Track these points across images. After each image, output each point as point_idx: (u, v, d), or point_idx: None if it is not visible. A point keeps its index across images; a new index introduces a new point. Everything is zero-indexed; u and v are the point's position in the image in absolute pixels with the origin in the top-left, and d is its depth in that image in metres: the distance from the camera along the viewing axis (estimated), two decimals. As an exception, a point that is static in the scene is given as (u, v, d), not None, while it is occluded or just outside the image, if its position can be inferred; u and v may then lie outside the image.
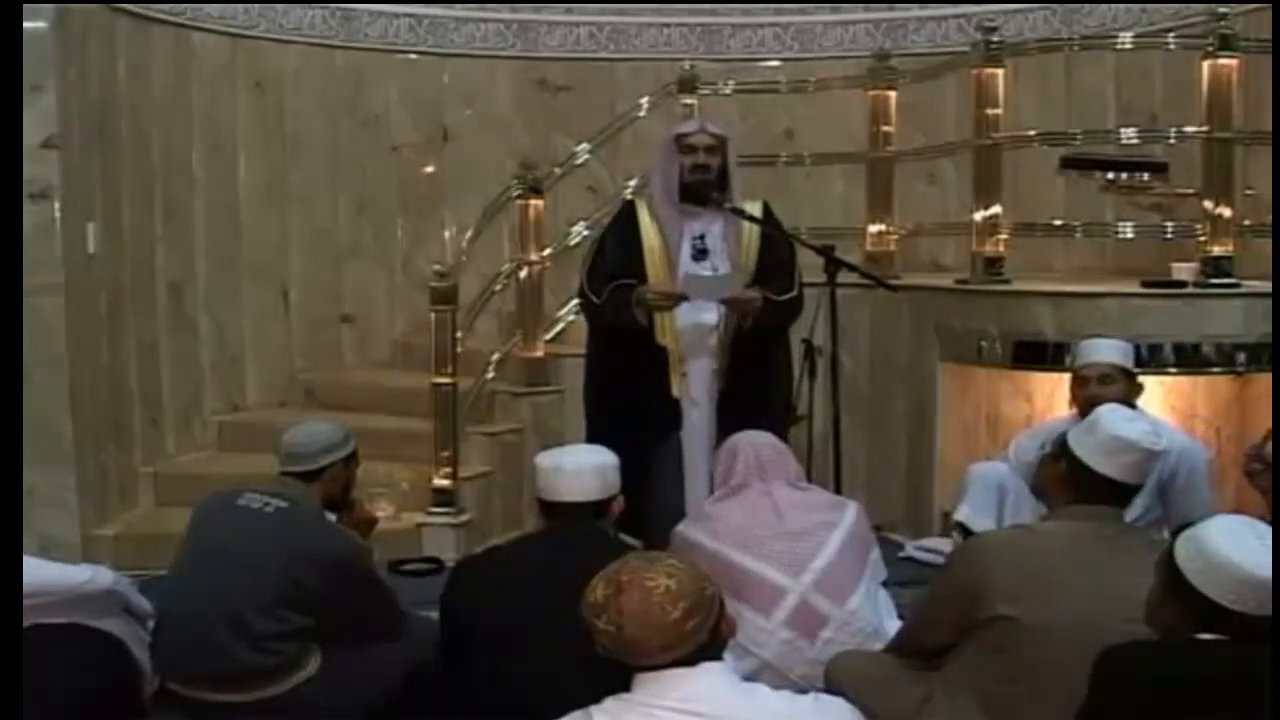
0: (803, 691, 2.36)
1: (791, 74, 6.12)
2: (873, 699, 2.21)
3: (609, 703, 2.01)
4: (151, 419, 5.26)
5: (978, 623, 2.44)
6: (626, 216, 4.20)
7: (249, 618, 2.95)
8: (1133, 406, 3.49)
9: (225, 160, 5.74)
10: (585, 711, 2.02)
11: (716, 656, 2.04)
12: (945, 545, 4.31)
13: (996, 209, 4.75)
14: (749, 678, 2.60)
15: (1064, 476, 2.57)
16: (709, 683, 1.99)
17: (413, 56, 6.27)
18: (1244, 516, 2.17)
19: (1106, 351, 3.84)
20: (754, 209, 4.14)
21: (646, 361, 4.04)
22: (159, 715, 3.00)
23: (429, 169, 6.33)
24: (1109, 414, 2.63)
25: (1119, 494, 2.55)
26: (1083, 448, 2.54)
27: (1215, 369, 4.38)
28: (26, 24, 4.15)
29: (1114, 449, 2.52)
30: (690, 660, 1.99)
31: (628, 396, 4.05)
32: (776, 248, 4.12)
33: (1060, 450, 2.60)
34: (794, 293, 4.08)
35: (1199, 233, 4.51)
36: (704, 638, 2.01)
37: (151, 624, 3.04)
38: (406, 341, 6.10)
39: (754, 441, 3.41)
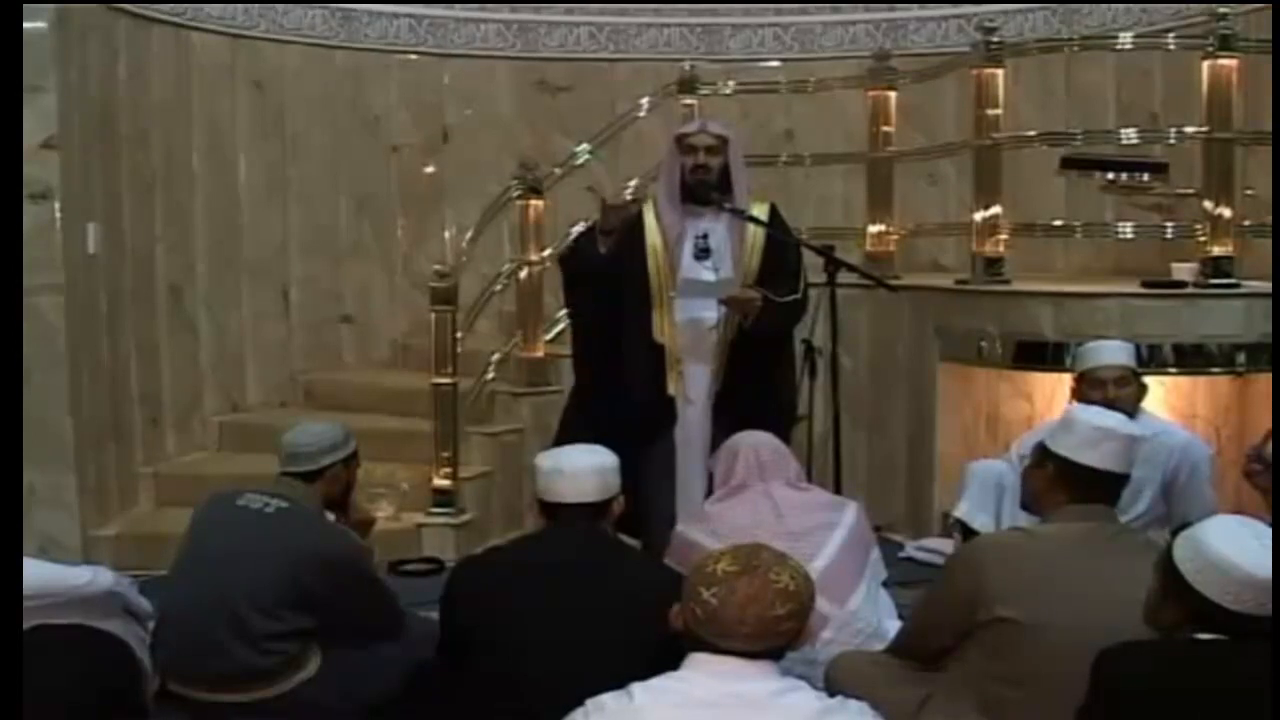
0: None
1: (791, 74, 6.12)
2: (872, 700, 2.21)
3: (655, 680, 2.05)
4: (151, 419, 5.26)
5: (977, 625, 2.45)
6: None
7: (249, 618, 2.95)
8: (1130, 414, 3.49)
9: (225, 160, 5.74)
10: (626, 690, 2.05)
11: (778, 656, 2.08)
12: (945, 545, 4.32)
13: (996, 209, 4.76)
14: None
15: (1053, 478, 2.58)
16: (755, 672, 2.03)
17: (413, 57, 6.27)
18: (1243, 516, 2.17)
19: (1119, 353, 3.85)
20: (761, 210, 4.13)
21: (643, 358, 4.05)
22: (159, 715, 3.00)
23: (429, 169, 6.34)
24: (1081, 411, 2.72)
25: (1109, 485, 2.57)
26: (1065, 446, 2.56)
27: (1215, 369, 4.39)
28: (26, 24, 4.15)
29: (1095, 439, 2.54)
30: (754, 654, 2.03)
31: (623, 393, 4.05)
32: (781, 249, 4.11)
33: (1043, 455, 2.62)
34: (797, 295, 4.07)
35: (1199, 233, 4.52)
36: (783, 641, 2.06)
37: (152, 624, 3.04)
38: (406, 341, 6.10)
39: (754, 442, 3.41)
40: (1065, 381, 4.11)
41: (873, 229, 5.32)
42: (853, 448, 4.60)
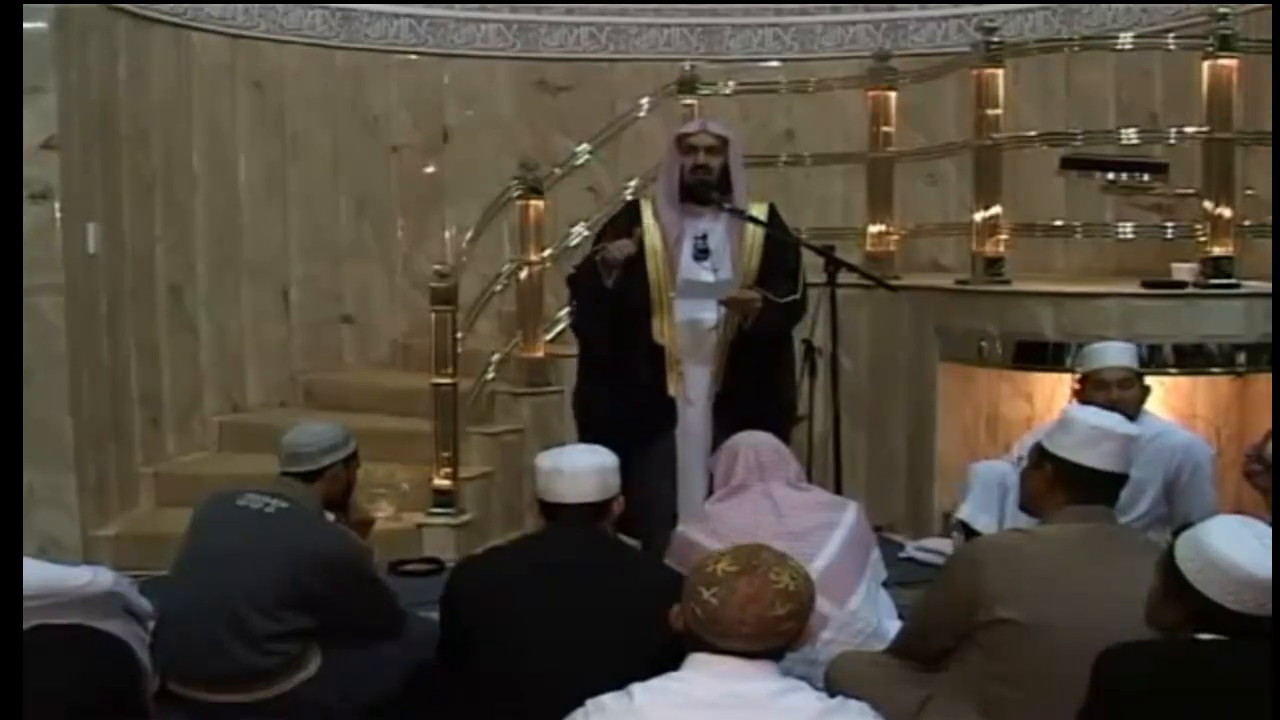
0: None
1: (791, 74, 6.12)
2: (873, 701, 2.21)
3: (655, 680, 2.04)
4: (151, 419, 5.26)
5: (977, 626, 2.45)
6: (629, 215, 4.20)
7: (249, 618, 2.95)
8: (1132, 415, 3.49)
9: (225, 160, 5.74)
10: (626, 690, 2.04)
11: (778, 657, 2.08)
12: (946, 545, 4.32)
13: (996, 209, 4.76)
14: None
15: (1051, 479, 2.58)
16: (755, 672, 2.03)
17: (413, 57, 6.27)
18: (1244, 516, 2.17)
19: (1122, 355, 3.86)
20: (760, 211, 4.13)
21: (643, 359, 4.05)
22: (159, 715, 3.00)
23: (429, 169, 6.34)
24: (1079, 411, 2.73)
25: (1108, 485, 2.57)
26: (1063, 448, 2.57)
27: (1215, 369, 4.39)
28: (26, 24, 4.15)
29: (1094, 438, 2.55)
30: (754, 654, 2.03)
31: (623, 394, 4.05)
32: (780, 250, 4.11)
33: (1040, 456, 2.62)
34: (796, 295, 4.06)
35: (1199, 233, 4.52)
36: (783, 641, 2.06)
37: (152, 624, 3.04)
38: (406, 342, 6.10)
39: (754, 442, 3.41)
40: (1065, 382, 4.11)
41: (873, 229, 5.32)
42: (853, 448, 4.60)
